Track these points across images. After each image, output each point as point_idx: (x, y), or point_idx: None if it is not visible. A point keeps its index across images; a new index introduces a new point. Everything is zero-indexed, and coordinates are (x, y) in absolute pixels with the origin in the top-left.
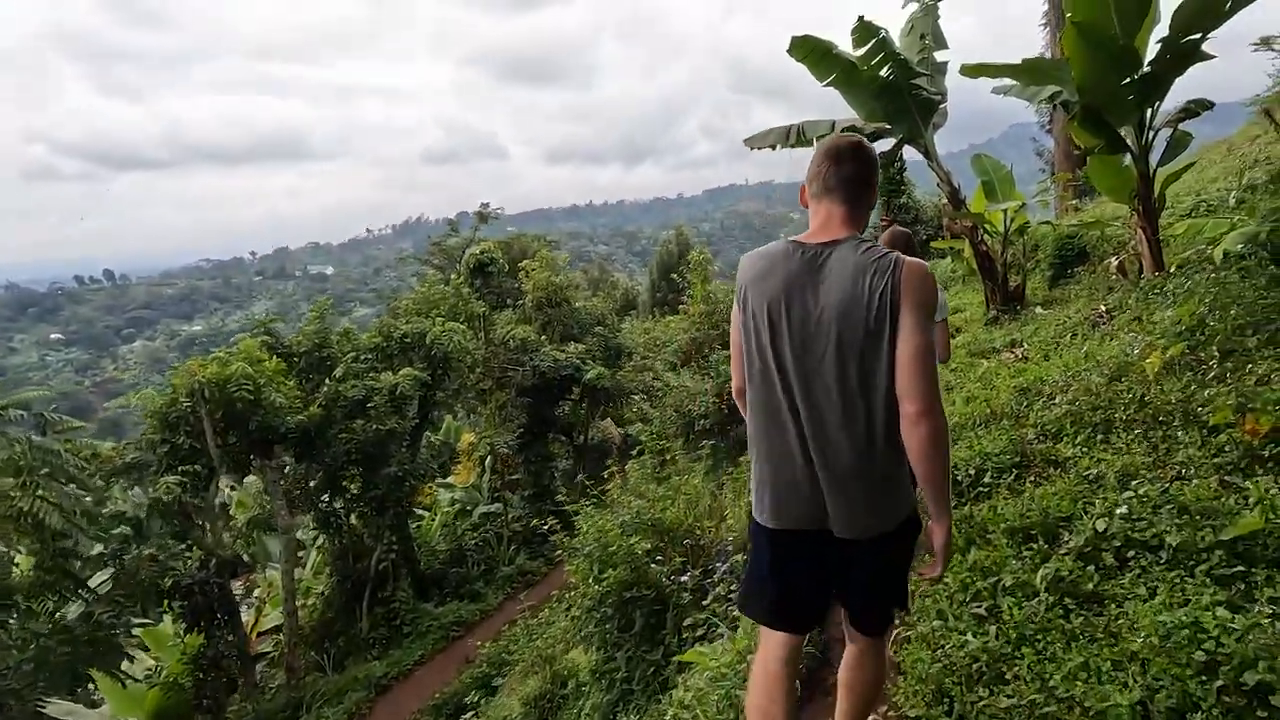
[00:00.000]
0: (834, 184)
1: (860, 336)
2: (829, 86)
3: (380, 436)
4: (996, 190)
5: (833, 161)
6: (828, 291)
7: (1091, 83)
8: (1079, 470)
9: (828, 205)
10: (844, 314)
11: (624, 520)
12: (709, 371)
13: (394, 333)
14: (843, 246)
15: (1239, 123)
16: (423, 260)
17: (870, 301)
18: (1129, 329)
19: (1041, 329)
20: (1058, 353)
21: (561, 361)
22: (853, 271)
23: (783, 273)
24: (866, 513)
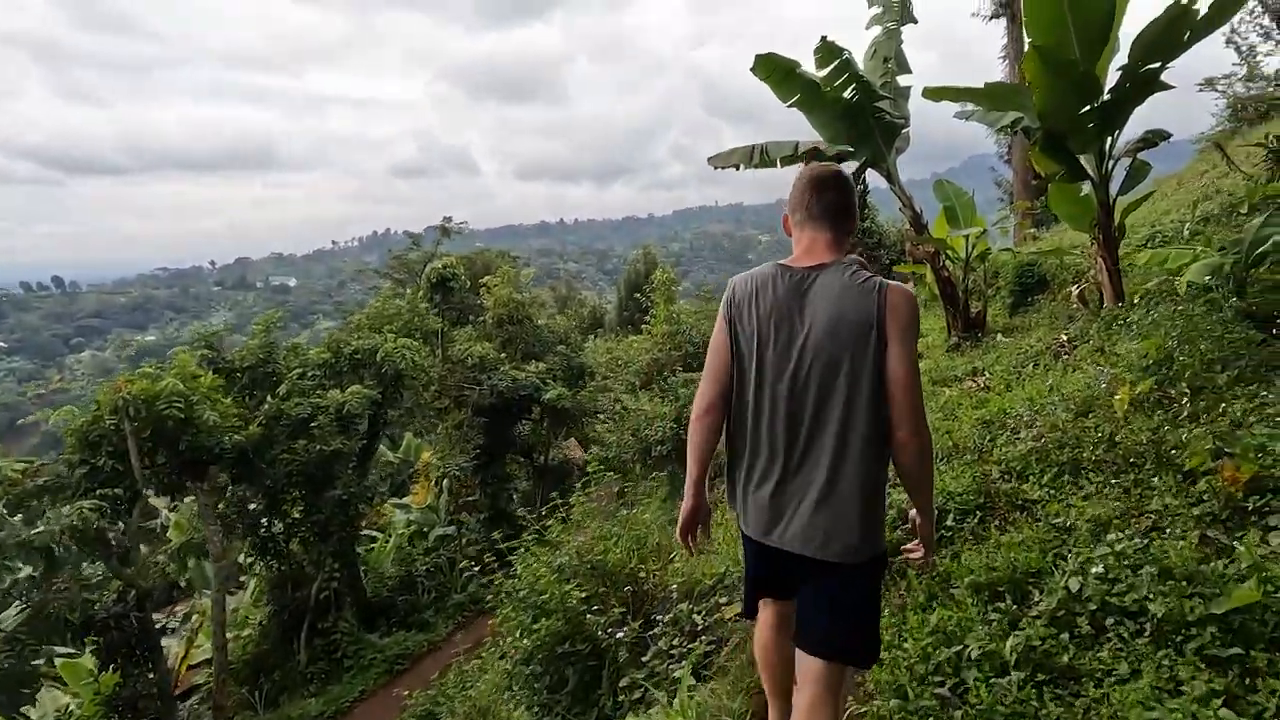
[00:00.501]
0: (817, 212)
1: (845, 356)
2: (793, 107)
3: (325, 457)
4: (959, 216)
5: (815, 190)
6: (814, 313)
7: (1053, 109)
8: (1047, 516)
9: (811, 232)
10: (830, 334)
11: (561, 563)
12: (669, 395)
13: (344, 349)
14: (828, 270)
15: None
16: (382, 274)
17: (856, 323)
18: (1092, 360)
19: (1003, 357)
20: (1020, 383)
21: (520, 381)
22: (838, 294)
23: (771, 295)
24: (841, 531)
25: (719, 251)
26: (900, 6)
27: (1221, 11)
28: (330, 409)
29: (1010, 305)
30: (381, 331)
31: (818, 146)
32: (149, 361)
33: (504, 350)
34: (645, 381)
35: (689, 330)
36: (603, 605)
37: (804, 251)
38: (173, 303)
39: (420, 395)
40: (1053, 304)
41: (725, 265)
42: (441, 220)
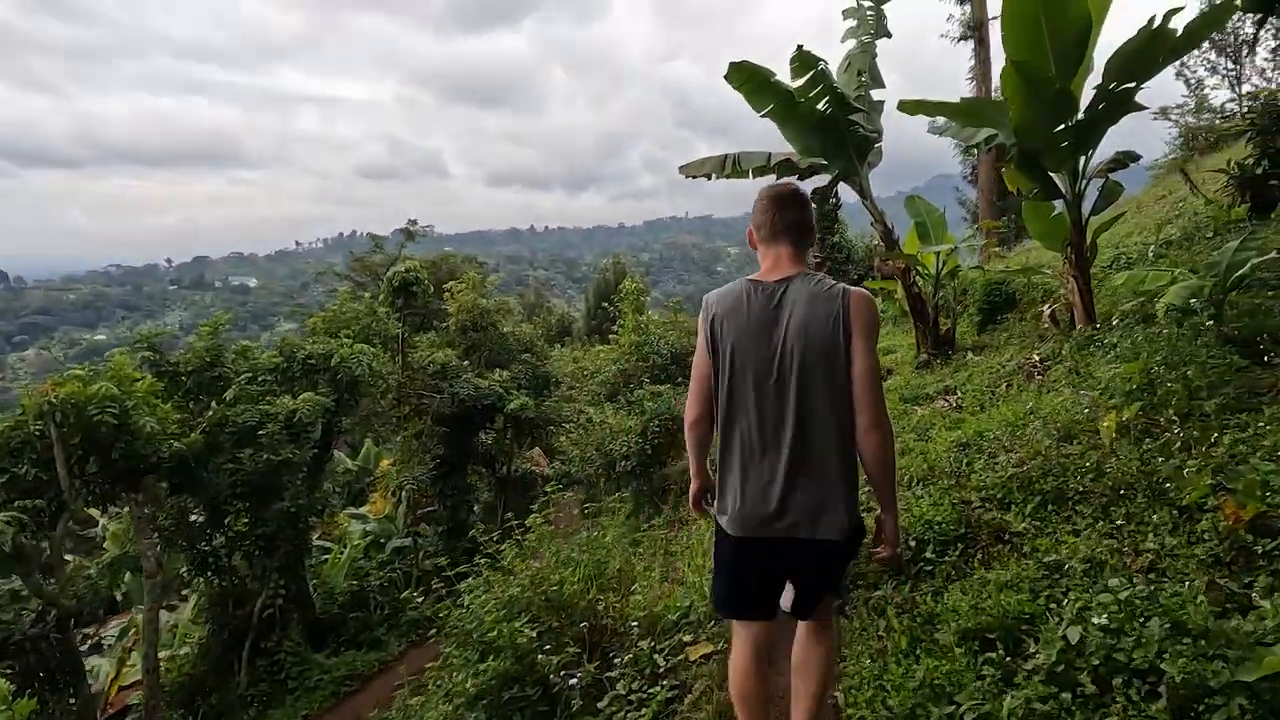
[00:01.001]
0: (780, 229)
1: (819, 354)
2: (766, 117)
3: (273, 467)
4: (930, 232)
5: (777, 209)
6: (788, 320)
7: (1029, 125)
8: (1035, 552)
9: (776, 248)
10: (804, 336)
11: (512, 594)
12: (635, 407)
13: (297, 353)
14: (795, 281)
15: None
16: (344, 276)
17: (824, 325)
18: (1067, 381)
19: (975, 376)
20: (994, 403)
21: (483, 389)
22: (807, 300)
23: (747, 308)
24: (829, 511)
25: (689, 262)
26: (875, 20)
27: (1197, 32)
28: (280, 416)
29: (978, 323)
30: (338, 336)
31: (790, 158)
32: (84, 363)
33: (467, 357)
34: (611, 393)
35: (656, 341)
36: (556, 643)
37: (771, 266)
38: (125, 301)
39: (378, 403)
40: (1022, 323)
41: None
42: (406, 223)
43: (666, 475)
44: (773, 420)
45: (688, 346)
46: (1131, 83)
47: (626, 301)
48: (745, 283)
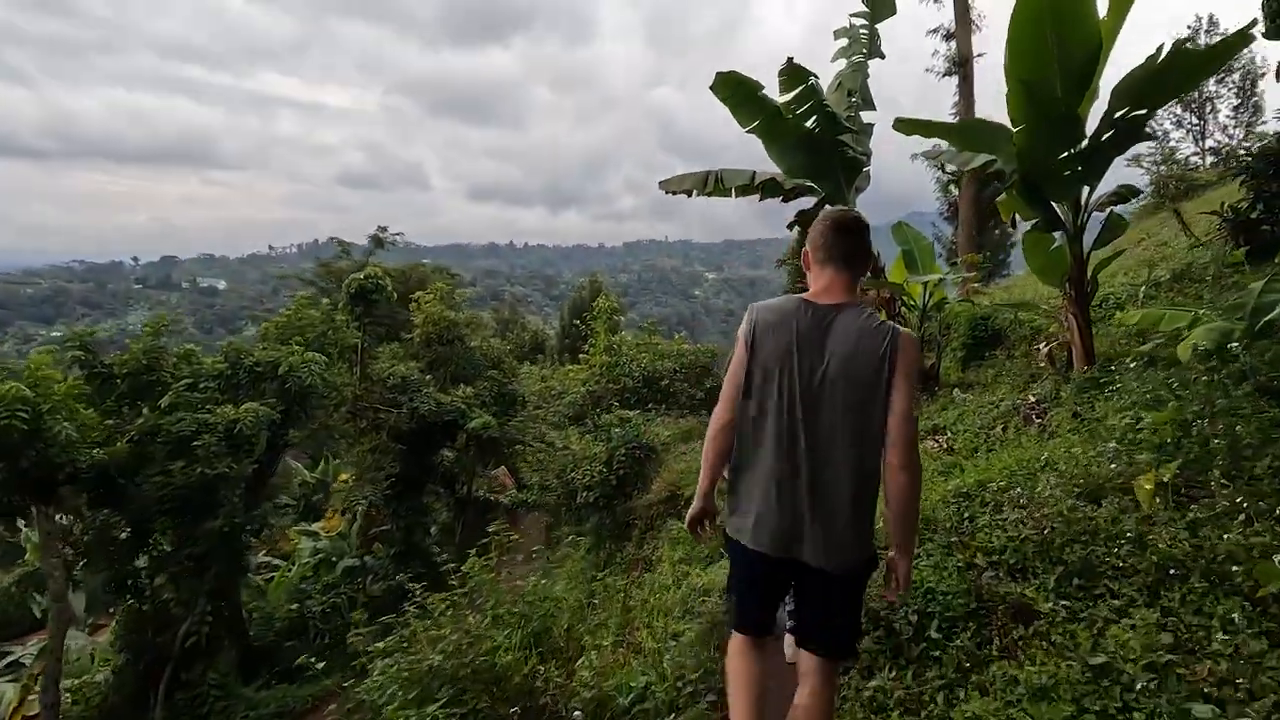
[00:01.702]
0: (838, 254)
1: (858, 389)
2: (752, 133)
3: (207, 481)
4: (917, 261)
5: (839, 233)
6: (833, 347)
7: (1033, 150)
8: (1071, 642)
9: (832, 272)
10: (846, 369)
11: (433, 663)
12: (602, 433)
13: (243, 360)
14: (847, 310)
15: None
16: (309, 281)
17: (870, 360)
18: (1071, 427)
19: (966, 416)
20: (991, 447)
21: (444, 405)
22: (856, 333)
23: (794, 325)
24: (841, 544)
25: (667, 285)
26: (868, 40)
27: (1216, 58)
28: (219, 427)
29: (962, 359)
30: (289, 343)
31: (775, 178)
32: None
33: (430, 371)
34: (579, 415)
35: (628, 363)
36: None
37: (824, 289)
38: (87, 298)
39: (330, 415)
40: (1011, 360)
41: (673, 299)
42: (376, 229)
43: (632, 509)
44: (801, 443)
45: (661, 370)
46: (1143, 109)
47: (599, 320)
48: (797, 300)
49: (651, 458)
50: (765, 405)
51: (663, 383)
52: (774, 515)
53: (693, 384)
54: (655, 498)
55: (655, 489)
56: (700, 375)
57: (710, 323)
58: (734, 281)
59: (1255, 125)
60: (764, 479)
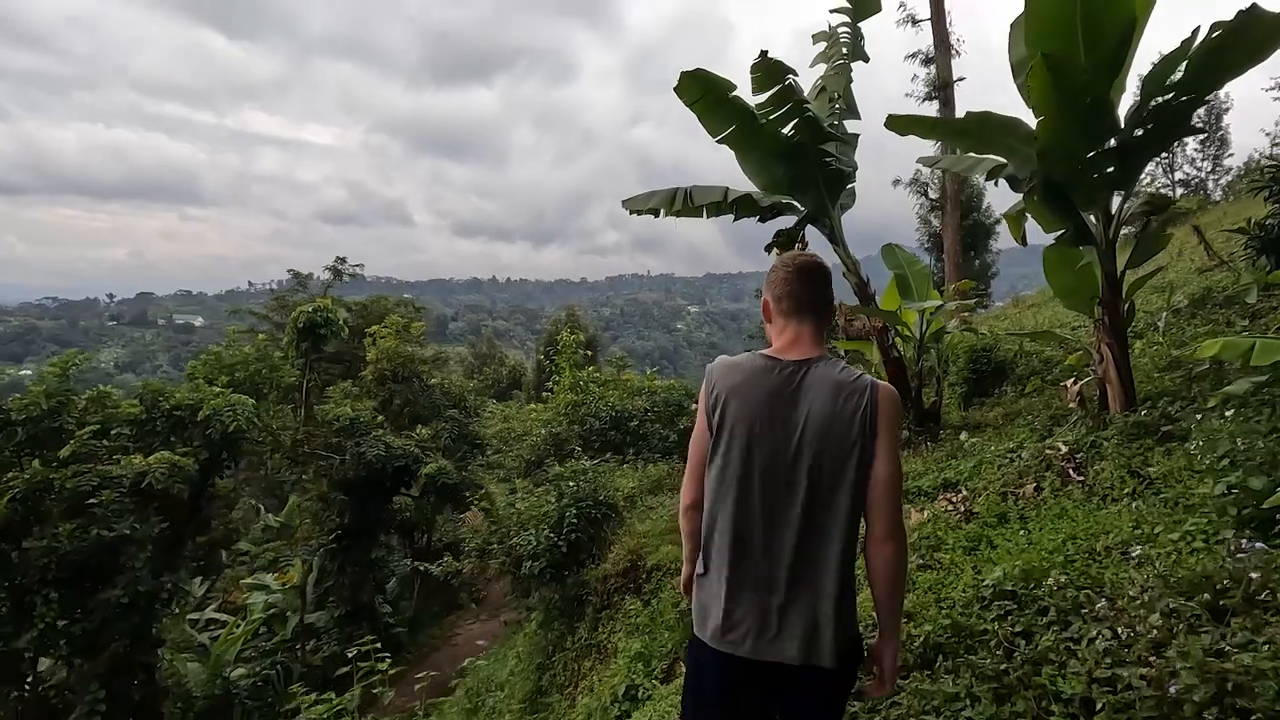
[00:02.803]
0: (805, 302)
1: (837, 454)
2: (723, 143)
3: (104, 545)
4: (912, 287)
5: (802, 280)
6: (807, 409)
7: (1058, 146)
8: None
9: (796, 324)
10: (823, 432)
11: None
12: (553, 487)
13: (161, 402)
14: (818, 365)
15: None
16: (262, 316)
17: (849, 422)
18: (1129, 488)
19: (983, 467)
20: (1020, 511)
21: (394, 449)
22: (831, 391)
23: (763, 387)
24: (819, 635)
25: (649, 319)
26: (851, 41)
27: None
28: (125, 480)
29: (963, 395)
30: (214, 383)
31: (750, 195)
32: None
33: (384, 411)
34: (540, 459)
35: (595, 402)
36: None
37: (789, 343)
38: (58, 335)
39: (264, 463)
40: (1023, 398)
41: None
42: (334, 260)
43: (585, 582)
44: (774, 520)
45: (631, 410)
46: (1189, 95)
47: (564, 356)
48: (759, 358)
49: (610, 517)
50: (730, 480)
51: (632, 423)
52: (746, 608)
53: (666, 424)
54: (612, 569)
55: (613, 557)
56: (674, 415)
57: (693, 355)
58: (715, 315)
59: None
60: (730, 566)
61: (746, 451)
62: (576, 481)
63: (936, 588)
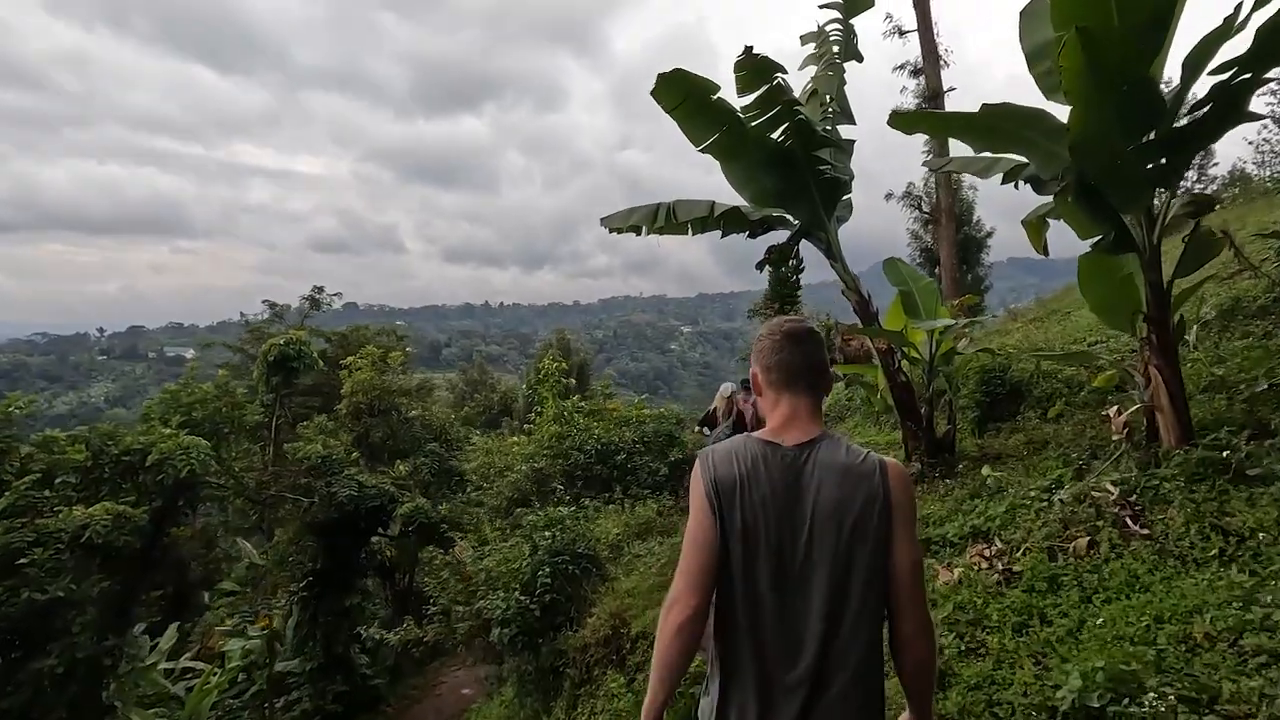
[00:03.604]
0: (800, 373)
1: (852, 546)
2: (706, 152)
3: (38, 608)
4: (919, 304)
5: (791, 347)
6: (816, 500)
7: (1098, 136)
8: None
9: (791, 398)
10: (836, 524)
11: None
12: (526, 539)
13: (109, 447)
14: (822, 447)
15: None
16: (236, 348)
17: (862, 510)
18: (1213, 548)
19: (1014, 510)
20: (1075, 572)
21: (368, 488)
22: (839, 477)
23: (765, 479)
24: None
25: (642, 340)
26: (843, 39)
27: None
28: (64, 535)
29: (975, 421)
30: (169, 423)
31: (739, 209)
32: None
33: (360, 447)
34: (521, 499)
35: (580, 434)
36: None
37: (785, 421)
38: (47, 371)
39: (227, 509)
40: (1045, 425)
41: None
42: (311, 290)
43: (562, 651)
44: (792, 624)
45: (619, 442)
46: (1249, 74)
47: (545, 385)
48: (757, 444)
49: (591, 572)
50: (740, 586)
51: (619, 457)
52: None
53: (656, 456)
54: (591, 636)
55: (593, 622)
56: (664, 445)
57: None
58: (709, 334)
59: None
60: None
61: (755, 553)
62: (552, 531)
63: (987, 686)
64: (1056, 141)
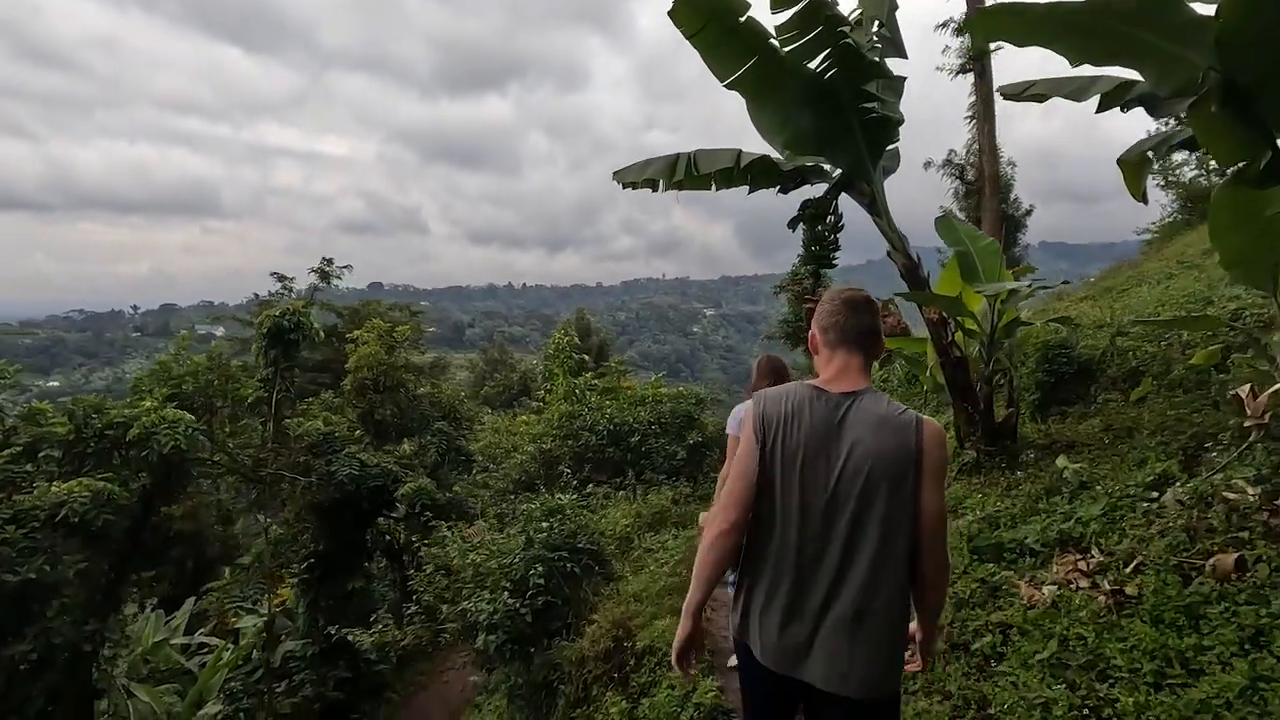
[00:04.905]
0: (853, 335)
1: (881, 488)
2: (733, 88)
3: (8, 592)
4: (978, 266)
5: (850, 312)
6: (853, 442)
7: (1255, 25)
8: None
9: (845, 355)
10: (869, 465)
11: None
12: (521, 530)
13: (92, 421)
14: (864, 398)
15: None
16: (246, 322)
17: (894, 458)
18: None
19: (1120, 516)
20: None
21: (370, 468)
22: (876, 425)
23: (809, 419)
24: (867, 667)
25: (665, 323)
26: None
27: None
28: (41, 513)
29: (1036, 404)
30: (152, 394)
31: (768, 158)
32: None
33: (365, 425)
34: (528, 483)
35: (591, 414)
36: None
37: (837, 374)
38: (84, 347)
39: (217, 486)
40: (1131, 407)
41: (671, 337)
42: (321, 262)
43: (556, 662)
44: (816, 550)
45: (632, 422)
46: None
47: (555, 361)
48: (806, 388)
49: (594, 570)
50: (774, 509)
51: (633, 439)
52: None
53: (674, 439)
54: (590, 649)
55: (592, 631)
56: (683, 428)
57: (710, 358)
58: (732, 317)
59: None
60: (776, 592)
61: (792, 481)
62: (550, 523)
63: None
64: (1184, 42)
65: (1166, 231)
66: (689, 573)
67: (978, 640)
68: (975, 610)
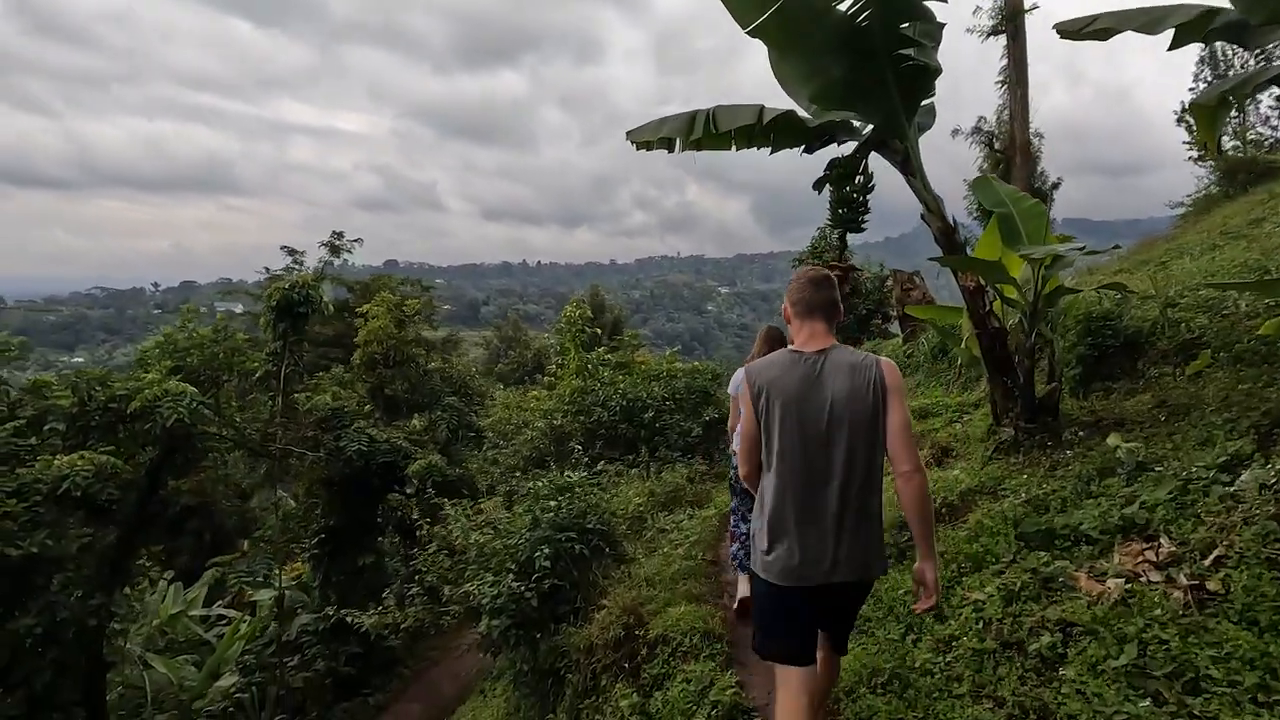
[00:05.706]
0: (815, 306)
1: (862, 417)
2: (755, 35)
3: (11, 566)
4: (1020, 229)
5: (814, 289)
6: (832, 386)
7: None
8: None
9: (811, 323)
10: (849, 401)
11: None
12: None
13: (97, 393)
14: (833, 353)
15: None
16: (256, 296)
17: (865, 390)
18: None
19: (1192, 501)
20: None
21: (379, 443)
22: (847, 370)
23: (794, 375)
24: (867, 557)
25: (679, 301)
26: None
27: None
28: (43, 487)
29: (1077, 379)
30: (156, 367)
31: (792, 114)
32: None
33: (373, 400)
34: (539, 459)
35: (603, 389)
36: None
37: (808, 338)
38: (106, 324)
39: (224, 461)
40: (1188, 381)
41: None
42: (331, 235)
43: (564, 649)
44: (822, 475)
45: (647, 399)
46: None
47: (566, 335)
48: (787, 353)
49: (604, 552)
50: (783, 451)
51: (647, 415)
52: (814, 546)
53: (689, 415)
54: (599, 637)
55: (602, 617)
56: (698, 403)
57: (724, 337)
58: (746, 295)
59: None
60: (796, 518)
61: (791, 426)
62: (559, 501)
63: None
64: None
65: (1202, 204)
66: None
67: (1034, 640)
68: (1028, 605)
